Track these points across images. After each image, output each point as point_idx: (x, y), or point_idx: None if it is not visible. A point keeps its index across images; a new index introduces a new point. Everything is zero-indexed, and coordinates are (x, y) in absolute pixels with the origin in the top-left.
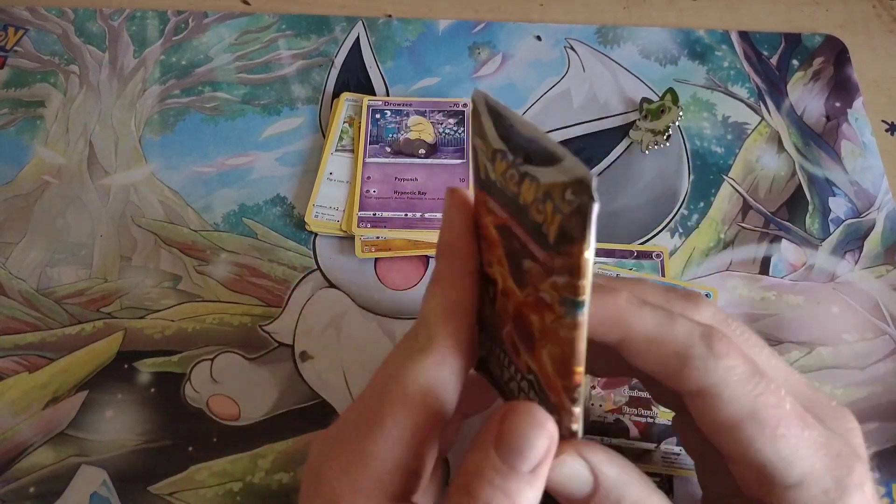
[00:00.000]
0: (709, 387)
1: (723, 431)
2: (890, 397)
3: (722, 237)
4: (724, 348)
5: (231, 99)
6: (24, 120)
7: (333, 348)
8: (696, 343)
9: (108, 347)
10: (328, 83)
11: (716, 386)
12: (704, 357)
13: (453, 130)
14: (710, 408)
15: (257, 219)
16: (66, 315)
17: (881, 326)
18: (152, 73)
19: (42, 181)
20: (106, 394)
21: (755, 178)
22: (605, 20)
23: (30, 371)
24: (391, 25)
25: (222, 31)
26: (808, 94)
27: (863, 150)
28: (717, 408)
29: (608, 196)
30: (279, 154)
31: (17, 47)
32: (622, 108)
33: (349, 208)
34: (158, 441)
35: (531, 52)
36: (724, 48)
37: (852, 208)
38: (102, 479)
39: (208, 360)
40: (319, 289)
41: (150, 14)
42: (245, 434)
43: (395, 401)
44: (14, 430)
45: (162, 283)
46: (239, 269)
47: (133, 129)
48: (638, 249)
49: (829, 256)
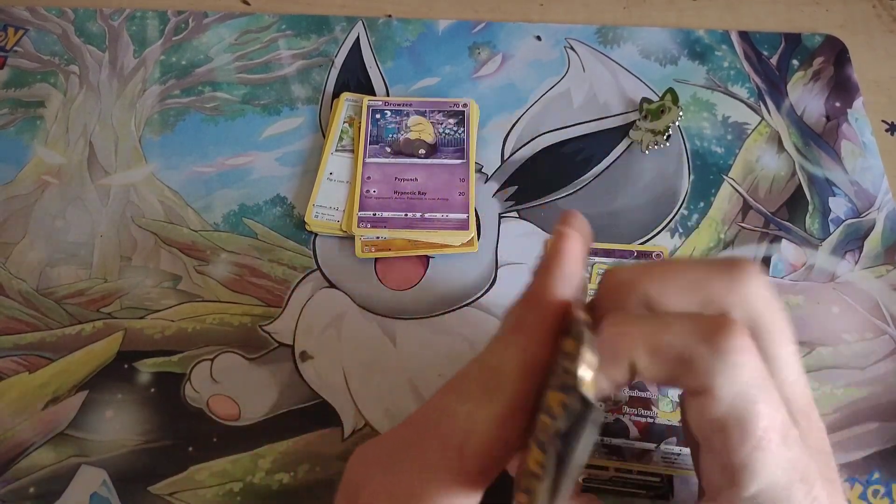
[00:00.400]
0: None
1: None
2: (890, 397)
3: (722, 237)
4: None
5: (231, 99)
6: (24, 120)
7: (333, 348)
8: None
9: (108, 347)
10: (328, 83)
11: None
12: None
13: (453, 130)
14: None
15: (257, 219)
16: (66, 315)
17: (881, 326)
18: (152, 73)
19: (42, 181)
20: (106, 394)
21: (755, 179)
22: (605, 20)
23: (30, 371)
24: (391, 25)
25: (222, 32)
26: (809, 94)
27: (863, 150)
28: (710, 407)
29: (608, 196)
30: (279, 154)
31: (16, 47)
32: (622, 108)
33: (349, 208)
34: (158, 441)
35: (531, 52)
36: (724, 48)
37: (852, 208)
38: (102, 479)
39: (208, 360)
40: (319, 289)
41: (150, 14)
42: (245, 434)
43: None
44: (14, 430)
45: (162, 283)
46: (239, 269)
47: (133, 129)
48: (638, 249)
49: (829, 256)
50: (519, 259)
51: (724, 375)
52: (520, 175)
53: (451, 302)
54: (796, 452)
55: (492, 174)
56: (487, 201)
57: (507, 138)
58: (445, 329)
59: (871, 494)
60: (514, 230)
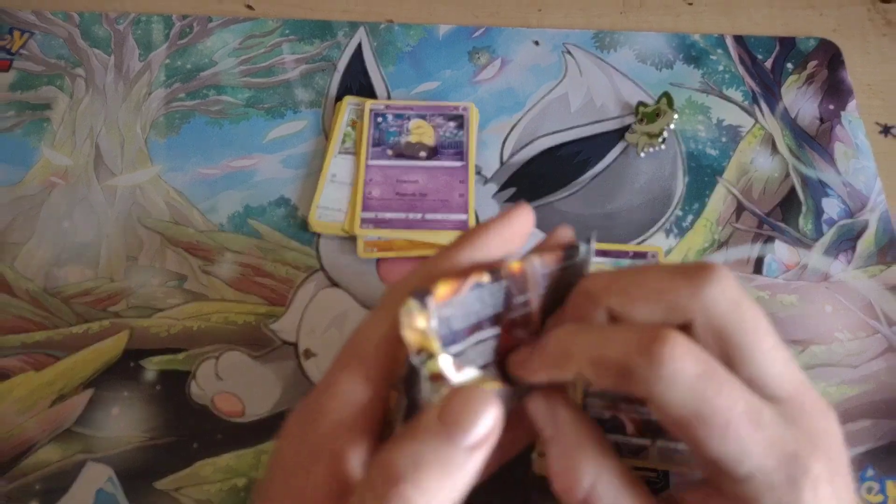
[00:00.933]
0: (654, 394)
1: (675, 429)
2: (882, 395)
3: (716, 237)
4: (668, 352)
5: (235, 102)
6: (31, 122)
7: (336, 346)
8: (634, 355)
9: (115, 346)
10: (331, 87)
11: (661, 392)
12: (645, 367)
13: (453, 133)
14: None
15: (262, 220)
16: (73, 314)
17: (874, 325)
18: (157, 77)
19: (49, 182)
20: (112, 391)
21: (749, 180)
22: (602, 25)
23: (36, 369)
24: (392, 31)
25: (226, 36)
26: (803, 97)
27: (856, 152)
28: (665, 410)
29: (605, 198)
30: (283, 156)
31: (23, 50)
32: (618, 111)
33: (352, 209)
34: (164, 438)
35: (529, 56)
36: (719, 52)
37: (845, 209)
38: (108, 476)
39: (213, 358)
40: (322, 288)
41: (155, 18)
42: (249, 430)
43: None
44: (21, 427)
45: (168, 283)
46: (243, 269)
47: (139, 131)
48: (634, 250)
49: (822, 256)
50: None
51: (662, 383)
52: (518, 177)
53: None
54: (775, 431)
55: (491, 176)
56: (487, 203)
57: (505, 141)
58: None
59: (864, 491)
60: None
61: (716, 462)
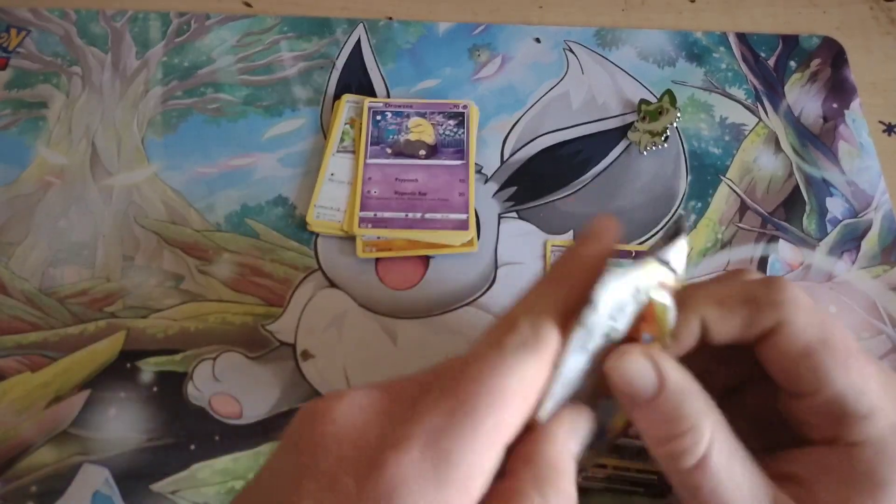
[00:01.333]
0: (785, 316)
1: (798, 362)
2: None
3: (719, 237)
4: (785, 284)
5: (233, 100)
6: (27, 121)
7: (335, 347)
8: (759, 286)
9: (111, 347)
10: (329, 85)
11: (791, 314)
12: (775, 291)
13: (453, 132)
14: (784, 341)
15: (259, 219)
16: (69, 315)
17: (878, 326)
18: (155, 75)
19: (45, 181)
20: (108, 393)
21: (752, 179)
22: (603, 22)
23: (32, 370)
24: (392, 28)
25: (224, 33)
26: (806, 96)
27: (860, 151)
28: (791, 338)
29: (607, 197)
30: (281, 155)
31: (19, 48)
32: (620, 109)
33: (350, 209)
34: (161, 439)
35: (530, 54)
36: (721, 50)
37: (849, 208)
38: (105, 478)
39: (210, 360)
40: (321, 288)
41: (152, 15)
42: (247, 432)
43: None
44: (16, 429)
45: (164, 283)
46: (241, 269)
47: (135, 129)
48: (636, 249)
49: (826, 256)
50: (518, 259)
51: (791, 305)
52: (519, 176)
53: (451, 301)
54: (882, 367)
55: (491, 175)
56: (487, 202)
57: (506, 139)
58: (445, 328)
59: None
60: (513, 230)
61: (837, 397)
